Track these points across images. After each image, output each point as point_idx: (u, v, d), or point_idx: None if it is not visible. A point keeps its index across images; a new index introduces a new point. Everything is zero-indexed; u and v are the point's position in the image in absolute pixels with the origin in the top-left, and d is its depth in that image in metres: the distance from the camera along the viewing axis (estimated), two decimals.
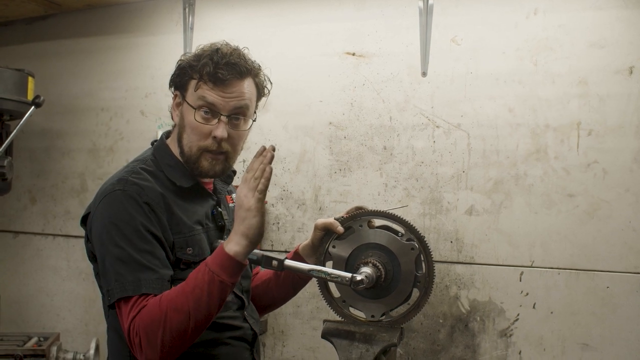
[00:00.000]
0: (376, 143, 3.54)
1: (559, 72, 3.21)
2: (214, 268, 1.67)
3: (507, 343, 3.30)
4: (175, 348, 1.66)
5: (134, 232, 1.74)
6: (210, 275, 1.66)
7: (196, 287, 1.66)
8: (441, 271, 3.38)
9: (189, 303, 1.64)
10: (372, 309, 1.98)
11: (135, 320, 1.66)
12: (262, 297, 2.22)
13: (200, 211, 1.95)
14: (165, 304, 1.65)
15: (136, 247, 1.72)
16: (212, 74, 1.85)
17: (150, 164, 1.93)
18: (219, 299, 1.68)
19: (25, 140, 4.30)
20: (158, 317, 1.64)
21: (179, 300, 1.65)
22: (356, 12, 3.60)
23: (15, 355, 3.27)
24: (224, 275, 1.66)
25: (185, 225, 1.86)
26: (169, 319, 1.63)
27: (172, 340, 1.64)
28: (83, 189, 4.28)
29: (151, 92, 4.05)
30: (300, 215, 3.70)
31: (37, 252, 4.44)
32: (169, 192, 1.88)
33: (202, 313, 1.66)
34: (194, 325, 1.65)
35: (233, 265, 1.68)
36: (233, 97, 1.87)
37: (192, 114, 1.88)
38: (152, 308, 1.66)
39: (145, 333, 1.64)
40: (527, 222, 3.26)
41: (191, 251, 1.85)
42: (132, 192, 1.78)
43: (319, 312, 3.63)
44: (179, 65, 1.95)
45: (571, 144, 3.19)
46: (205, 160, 1.91)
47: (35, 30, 4.44)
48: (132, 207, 1.76)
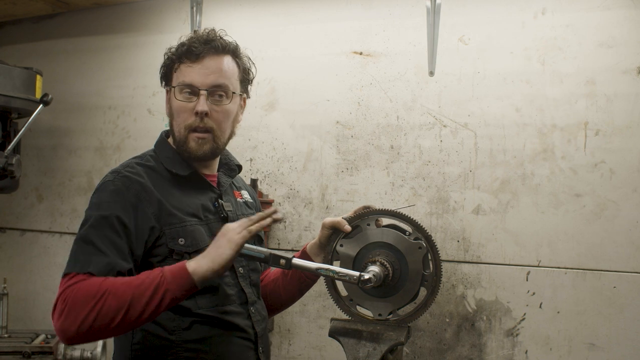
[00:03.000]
0: (383, 142, 3.54)
1: (567, 72, 3.21)
2: (167, 274, 1.67)
3: (513, 342, 3.30)
4: (94, 330, 1.63)
5: (104, 219, 1.77)
6: (160, 280, 1.66)
7: (143, 284, 1.66)
8: (448, 270, 3.38)
9: (129, 294, 1.64)
10: (379, 307, 1.98)
11: (69, 289, 1.65)
12: (269, 297, 2.22)
13: (196, 203, 1.96)
14: (105, 286, 1.65)
15: (100, 233, 1.75)
16: (188, 51, 1.92)
17: (148, 159, 1.98)
18: (158, 305, 1.66)
19: (33, 138, 4.31)
20: (93, 293, 1.63)
21: (121, 288, 1.65)
22: (364, 11, 3.60)
23: (23, 352, 3.29)
24: (173, 285, 1.66)
25: (175, 217, 1.87)
26: (103, 300, 1.62)
27: (96, 322, 1.62)
28: (90, 187, 4.28)
29: (158, 91, 4.04)
30: (307, 214, 3.70)
31: (44, 250, 4.46)
32: (165, 183, 1.92)
33: (136, 310, 1.64)
34: (123, 318, 1.64)
35: (185, 281, 1.67)
36: (210, 72, 1.92)
37: (174, 95, 1.94)
38: (91, 283, 1.66)
39: (74, 303, 1.63)
40: (534, 222, 3.26)
41: (183, 242, 1.86)
42: (119, 184, 1.83)
43: (325, 311, 3.64)
44: (164, 57, 2.02)
45: (578, 143, 3.19)
46: (192, 141, 1.94)
47: (43, 29, 4.46)
48: (114, 197, 1.80)
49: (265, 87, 3.74)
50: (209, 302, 1.89)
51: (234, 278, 1.98)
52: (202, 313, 1.86)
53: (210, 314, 1.88)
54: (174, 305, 1.71)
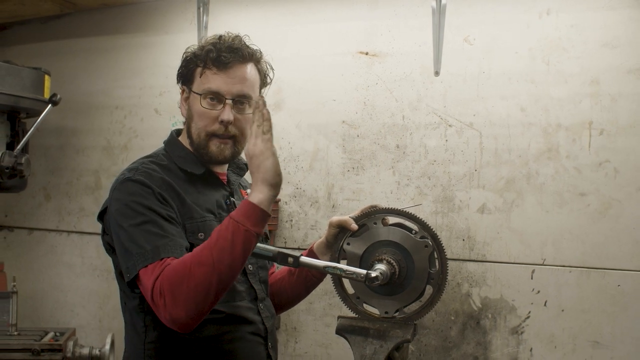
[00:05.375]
0: (389, 142, 3.56)
1: (571, 72, 3.22)
2: (237, 218, 1.66)
3: (518, 340, 3.31)
4: (200, 304, 1.64)
5: (147, 210, 1.77)
6: (234, 225, 1.65)
7: (220, 239, 1.65)
8: (453, 269, 3.39)
9: (212, 255, 1.63)
10: (386, 305, 1.99)
11: (158, 280, 1.65)
12: (276, 296, 2.24)
13: (212, 199, 1.99)
14: (189, 260, 1.65)
15: (150, 222, 1.76)
16: (215, 58, 1.92)
17: (161, 158, 1.99)
18: (243, 248, 1.66)
19: (40, 137, 4.32)
20: (182, 272, 1.63)
21: (202, 254, 1.65)
22: (369, 11, 3.62)
23: (33, 349, 3.31)
24: (248, 224, 1.65)
25: (196, 211, 1.89)
26: (192, 273, 1.62)
27: (197, 295, 1.62)
28: (97, 187, 4.32)
29: (165, 91, 4.08)
30: (313, 213, 3.72)
31: (51, 249, 4.49)
32: (180, 182, 1.93)
33: (225, 264, 1.63)
34: (218, 278, 1.63)
35: (257, 213, 1.67)
36: (237, 82, 1.93)
37: (198, 101, 1.94)
38: (175, 265, 1.66)
39: (170, 290, 1.63)
40: (538, 221, 3.27)
41: (203, 236, 1.86)
42: (141, 179, 1.83)
43: (332, 309, 3.66)
44: (184, 58, 2.01)
45: (583, 143, 3.20)
46: (214, 145, 1.95)
47: (51, 29, 4.48)
48: (143, 190, 1.81)
49: (272, 87, 3.72)
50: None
51: (244, 275, 2.00)
52: (215, 308, 1.88)
53: (222, 309, 1.89)
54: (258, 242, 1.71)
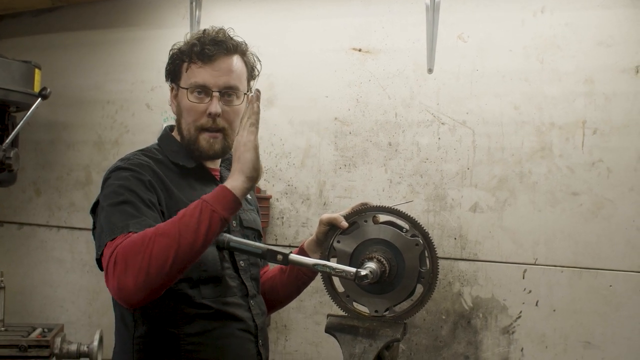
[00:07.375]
0: (381, 139, 3.55)
1: (565, 71, 3.21)
2: (208, 199, 1.66)
3: (509, 340, 3.30)
4: (151, 277, 1.58)
5: (128, 192, 1.77)
6: (204, 204, 1.65)
7: (186, 215, 1.64)
8: (444, 268, 3.38)
9: (176, 228, 1.61)
10: (375, 304, 1.97)
11: (116, 250, 1.62)
12: (268, 294, 2.23)
13: (202, 194, 1.97)
14: (151, 231, 1.63)
15: (129, 203, 1.75)
16: (199, 52, 1.91)
17: (154, 152, 1.99)
18: (207, 229, 1.63)
19: (31, 132, 4.30)
20: (141, 241, 1.60)
21: (166, 227, 1.63)
22: (363, 8, 3.60)
23: (20, 345, 3.29)
24: (218, 206, 1.64)
25: (183, 204, 1.87)
26: (152, 242, 1.59)
27: (151, 267, 1.58)
28: (88, 182, 4.28)
29: (157, 86, 4.06)
30: (304, 210, 3.71)
31: (41, 244, 4.45)
32: (172, 175, 1.93)
33: (187, 241, 1.60)
34: (176, 253, 1.59)
35: (228, 198, 1.66)
36: (222, 74, 1.93)
37: (185, 96, 1.94)
38: (136, 236, 1.64)
39: (124, 258, 1.59)
40: (531, 220, 3.26)
41: None
42: (132, 167, 1.84)
43: (322, 307, 3.64)
44: (171, 55, 2.01)
45: (576, 142, 3.19)
46: (204, 140, 1.95)
47: (42, 22, 4.44)
48: (132, 176, 1.81)
49: (264, 83, 3.72)
50: (212, 292, 1.89)
51: (236, 271, 1.99)
52: (205, 303, 1.86)
53: (212, 304, 1.88)
54: (225, 227, 1.68)
